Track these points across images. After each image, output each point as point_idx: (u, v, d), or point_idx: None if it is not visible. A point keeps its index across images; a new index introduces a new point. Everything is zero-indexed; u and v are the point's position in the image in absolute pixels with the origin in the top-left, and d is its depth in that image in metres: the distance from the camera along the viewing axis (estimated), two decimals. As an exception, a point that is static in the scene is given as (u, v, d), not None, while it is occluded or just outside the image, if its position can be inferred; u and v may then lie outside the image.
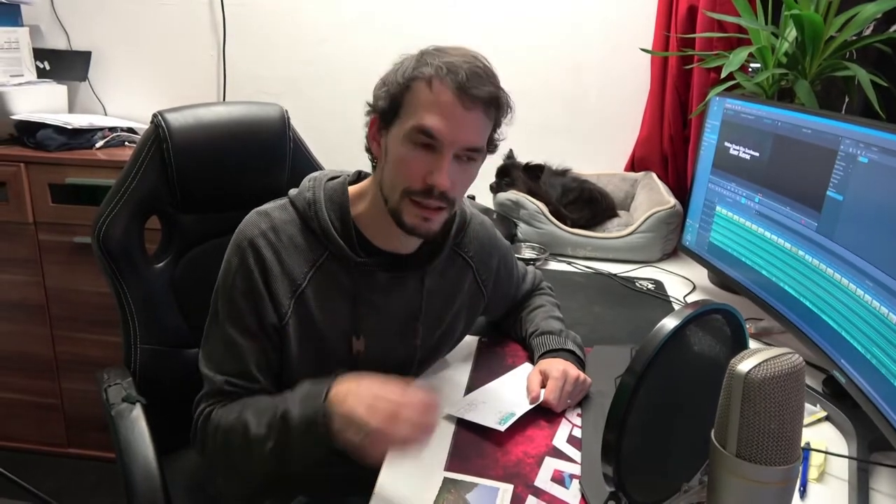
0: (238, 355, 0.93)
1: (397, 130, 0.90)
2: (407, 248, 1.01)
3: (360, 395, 0.80)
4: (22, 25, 2.05)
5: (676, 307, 1.40)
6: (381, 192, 0.94)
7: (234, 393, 0.93)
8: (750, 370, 0.52)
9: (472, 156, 0.91)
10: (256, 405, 0.90)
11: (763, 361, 0.53)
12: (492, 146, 0.96)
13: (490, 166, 1.76)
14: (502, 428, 0.92)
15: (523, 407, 0.98)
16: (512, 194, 1.68)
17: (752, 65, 1.46)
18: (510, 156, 1.78)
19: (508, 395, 1.02)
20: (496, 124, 0.94)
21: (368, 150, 0.98)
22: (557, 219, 1.66)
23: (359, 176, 1.03)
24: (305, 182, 1.00)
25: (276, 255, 0.93)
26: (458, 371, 1.12)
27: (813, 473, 0.88)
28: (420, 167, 0.89)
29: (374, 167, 0.98)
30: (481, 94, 0.87)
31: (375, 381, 0.82)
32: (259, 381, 0.94)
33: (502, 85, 0.92)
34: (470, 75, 0.86)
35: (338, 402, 0.80)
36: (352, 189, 0.99)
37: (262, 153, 1.26)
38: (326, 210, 0.95)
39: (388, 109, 0.91)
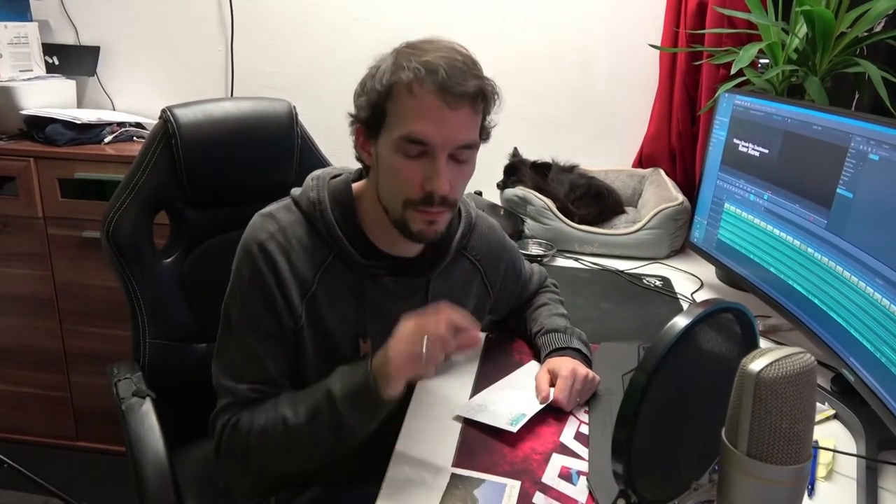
0: (259, 362, 0.92)
1: (385, 140, 0.88)
2: (411, 251, 1.00)
3: (396, 346, 0.85)
4: (31, 20, 2.06)
5: (684, 304, 1.40)
6: (379, 202, 0.93)
7: (259, 400, 0.92)
8: (762, 369, 0.52)
9: (466, 153, 0.89)
10: (287, 401, 0.90)
11: (775, 361, 0.52)
12: (484, 134, 0.93)
13: (498, 164, 1.76)
14: (514, 429, 0.92)
15: (534, 407, 0.98)
16: (519, 190, 1.68)
17: (761, 61, 1.45)
18: (516, 154, 1.78)
19: (517, 394, 1.02)
20: (485, 115, 0.91)
21: (359, 159, 0.96)
22: (565, 215, 1.66)
23: (360, 174, 1.01)
24: (308, 181, 0.98)
25: (286, 258, 0.92)
26: (465, 367, 1.12)
27: (821, 472, 0.88)
28: (416, 175, 0.87)
29: (367, 173, 0.97)
30: (466, 90, 0.84)
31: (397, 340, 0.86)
32: (283, 385, 0.94)
33: (490, 75, 0.89)
34: (450, 72, 0.83)
35: (379, 365, 0.84)
36: (355, 187, 0.98)
37: (269, 149, 1.27)
38: (331, 210, 0.94)
39: (372, 118, 0.88)
